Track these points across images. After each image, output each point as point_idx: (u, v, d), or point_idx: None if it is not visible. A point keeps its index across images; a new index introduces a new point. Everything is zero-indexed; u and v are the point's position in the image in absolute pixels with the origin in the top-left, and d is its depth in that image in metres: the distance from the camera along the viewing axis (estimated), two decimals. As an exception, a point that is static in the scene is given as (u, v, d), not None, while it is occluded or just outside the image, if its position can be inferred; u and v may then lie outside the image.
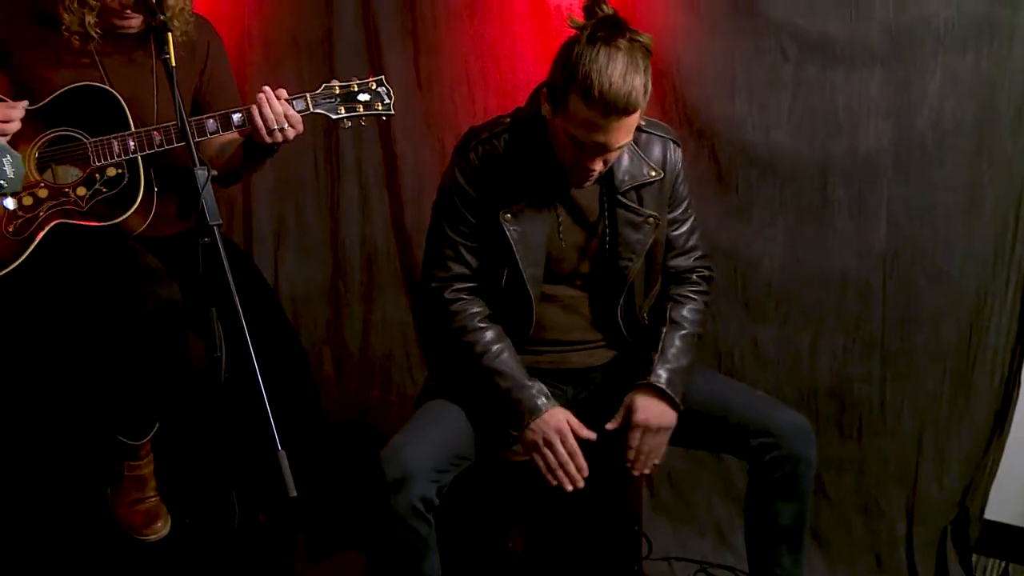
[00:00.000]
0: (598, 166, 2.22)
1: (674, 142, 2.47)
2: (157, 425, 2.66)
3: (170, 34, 2.22)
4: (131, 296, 2.49)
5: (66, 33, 2.55)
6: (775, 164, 3.14)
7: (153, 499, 2.73)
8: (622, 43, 2.11)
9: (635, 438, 2.37)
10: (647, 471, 2.41)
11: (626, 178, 2.38)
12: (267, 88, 2.53)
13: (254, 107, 2.52)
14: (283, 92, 2.55)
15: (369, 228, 3.36)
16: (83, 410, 2.76)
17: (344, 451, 3.01)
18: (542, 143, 2.31)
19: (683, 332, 2.45)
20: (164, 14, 2.35)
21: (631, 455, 2.37)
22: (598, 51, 2.09)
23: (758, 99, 3.12)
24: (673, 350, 2.42)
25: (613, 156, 2.25)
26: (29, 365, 2.76)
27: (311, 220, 3.36)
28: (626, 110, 2.10)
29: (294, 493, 1.93)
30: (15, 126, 2.40)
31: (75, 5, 2.52)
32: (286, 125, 2.53)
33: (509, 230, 2.32)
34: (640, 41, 2.14)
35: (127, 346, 2.50)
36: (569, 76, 2.12)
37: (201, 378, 2.57)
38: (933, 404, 3.10)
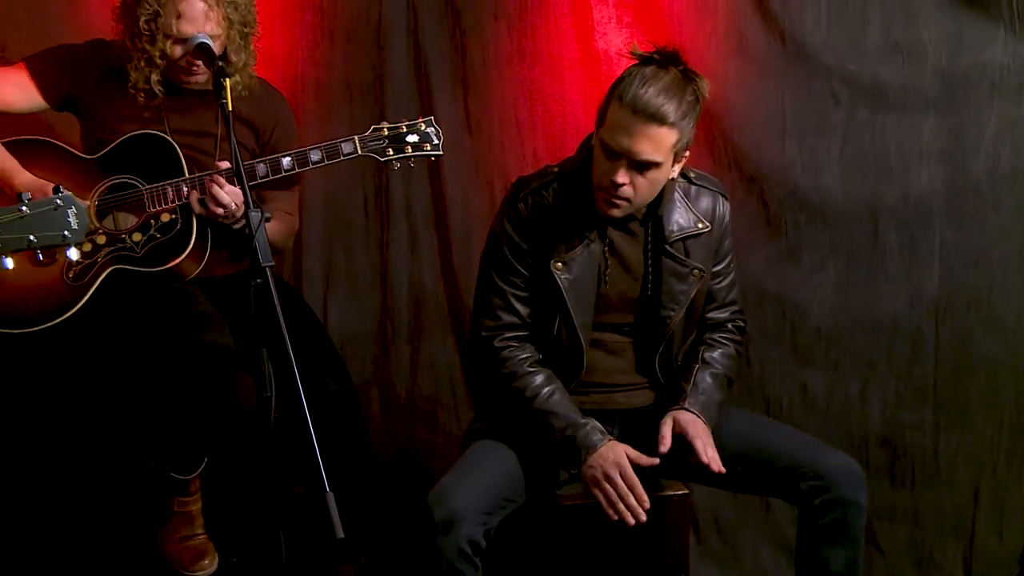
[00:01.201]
0: (621, 178, 2.21)
1: (723, 195, 2.49)
2: (206, 460, 2.69)
3: (228, 80, 2.26)
4: (184, 341, 2.53)
5: (132, 90, 2.62)
6: (825, 208, 3.13)
7: (201, 536, 2.75)
8: (672, 70, 2.20)
9: (688, 431, 2.33)
10: (721, 466, 2.32)
11: (675, 228, 2.40)
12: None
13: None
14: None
15: (417, 270, 3.39)
16: (135, 446, 2.80)
17: (391, 492, 3.01)
18: (590, 191, 2.33)
19: (714, 371, 2.47)
20: (223, 61, 2.42)
21: (698, 445, 2.31)
22: (648, 68, 2.20)
23: (808, 143, 3.12)
24: (704, 384, 2.44)
25: (640, 182, 2.24)
26: (85, 406, 2.81)
27: (360, 261, 3.39)
28: (654, 117, 2.15)
29: (341, 534, 1.93)
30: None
31: (142, 63, 2.59)
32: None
33: (560, 279, 2.35)
34: (692, 76, 2.22)
35: (179, 387, 2.53)
36: (614, 86, 2.22)
37: (251, 416, 2.61)
38: (990, 455, 3.04)
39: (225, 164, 2.58)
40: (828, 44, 3.09)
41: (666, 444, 2.33)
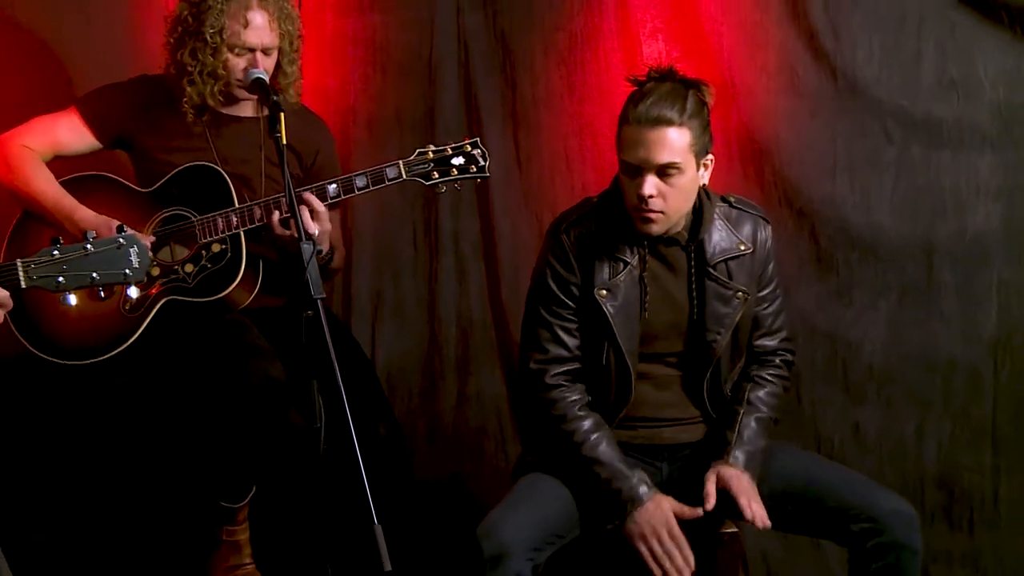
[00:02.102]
0: (648, 190, 2.23)
1: (764, 219, 2.49)
2: (254, 489, 2.70)
3: (282, 114, 2.29)
4: (235, 371, 2.55)
5: (186, 105, 2.66)
6: (877, 245, 3.10)
7: (249, 566, 2.76)
8: (668, 82, 2.29)
9: (732, 487, 2.31)
10: (767, 520, 2.29)
11: (717, 250, 2.40)
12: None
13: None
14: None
15: (465, 301, 3.39)
16: (185, 474, 2.82)
17: (438, 525, 3.01)
18: (628, 218, 2.35)
19: (759, 415, 2.44)
20: (278, 95, 2.45)
21: (743, 502, 2.30)
22: (643, 88, 2.29)
23: (860, 179, 3.09)
24: (749, 432, 2.40)
25: (667, 190, 2.25)
26: (138, 435, 2.84)
27: (408, 292, 3.40)
28: (659, 121, 2.22)
29: (389, 567, 1.93)
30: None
31: (205, 76, 2.62)
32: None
33: (606, 306, 2.35)
34: (691, 82, 2.30)
35: (229, 416, 2.55)
36: (621, 113, 2.30)
37: (299, 447, 2.62)
38: (1054, 499, 2.97)
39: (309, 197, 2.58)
40: (880, 80, 3.07)
41: (710, 503, 2.32)
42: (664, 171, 2.24)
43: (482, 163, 2.67)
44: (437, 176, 2.65)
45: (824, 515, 2.33)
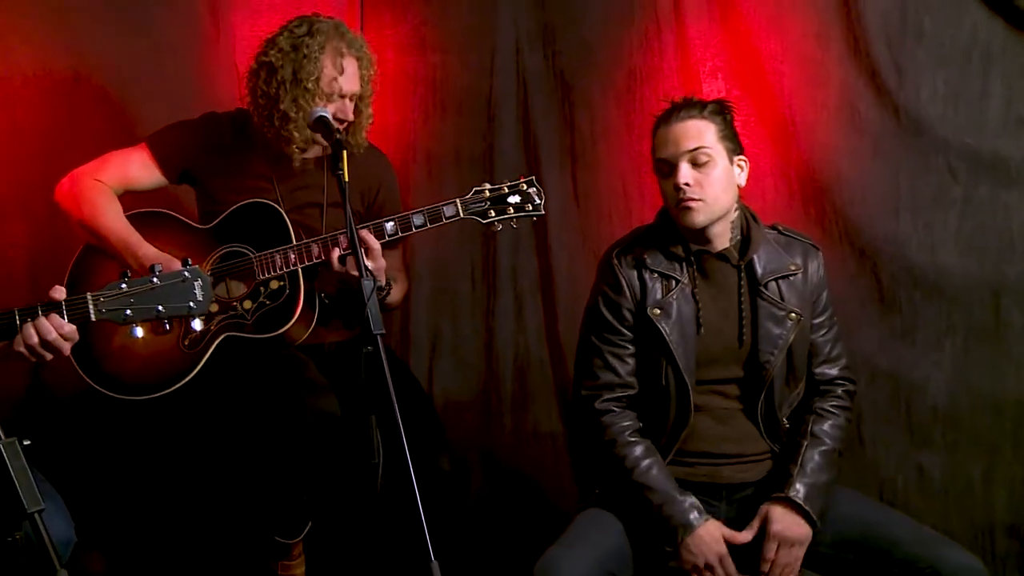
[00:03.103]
0: (684, 178, 2.33)
1: (813, 246, 2.53)
2: (310, 524, 2.71)
3: (345, 152, 2.32)
4: (291, 407, 2.57)
5: (295, 151, 2.71)
6: (942, 285, 3.04)
7: (304, 601, 2.76)
8: (690, 100, 2.44)
9: (770, 550, 2.32)
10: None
11: (767, 269, 2.44)
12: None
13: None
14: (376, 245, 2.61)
15: (523, 339, 3.40)
16: (241, 509, 2.84)
17: (495, 563, 2.99)
18: (674, 238, 2.42)
19: (823, 448, 2.41)
20: (341, 132, 2.49)
21: (765, 567, 2.32)
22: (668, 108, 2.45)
23: (924, 218, 3.05)
24: (812, 464, 2.38)
25: (703, 179, 2.34)
26: (194, 470, 2.87)
27: (466, 329, 3.41)
28: (684, 116, 2.38)
29: (446, 604, 1.92)
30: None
31: (306, 120, 2.65)
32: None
33: (661, 325, 2.39)
34: (704, 99, 2.44)
35: (285, 451, 2.57)
36: (652, 140, 2.45)
37: (356, 483, 2.63)
38: None
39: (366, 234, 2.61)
40: (945, 118, 3.03)
41: (749, 536, 2.32)
42: (695, 159, 2.35)
43: (538, 201, 2.70)
44: (494, 215, 2.68)
45: (889, 567, 2.28)
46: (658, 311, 2.40)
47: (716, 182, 2.36)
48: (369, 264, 2.54)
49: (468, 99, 3.39)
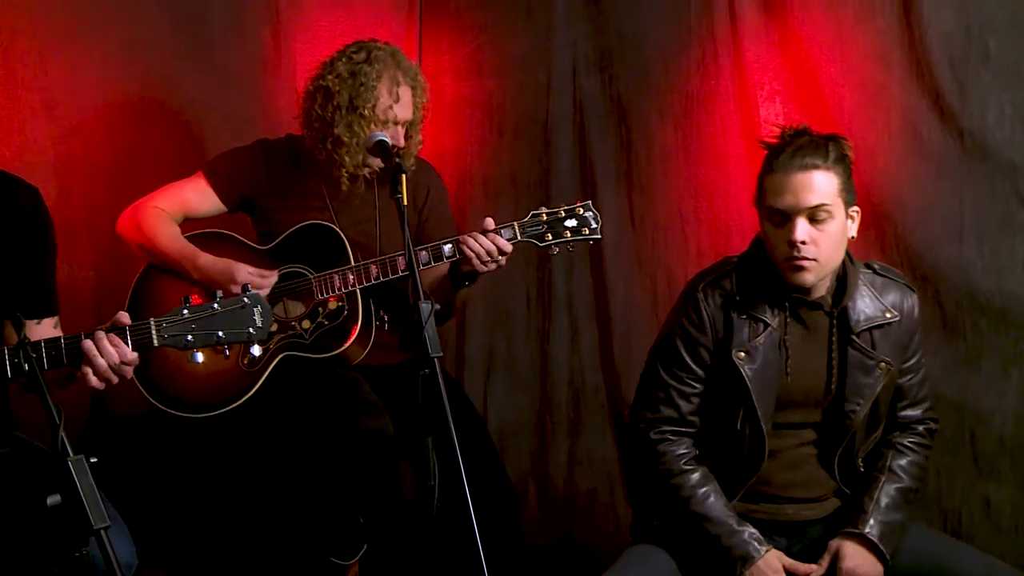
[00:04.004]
0: (800, 235, 2.18)
1: (909, 288, 2.42)
2: (365, 546, 2.72)
3: (403, 175, 2.35)
4: (345, 426, 2.60)
5: (344, 175, 2.74)
6: (1009, 312, 2.97)
7: (359, 623, 2.77)
8: (805, 136, 2.27)
9: (845, 566, 2.25)
10: None
11: (861, 318, 2.32)
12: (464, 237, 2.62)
13: (467, 239, 2.60)
14: (490, 222, 2.63)
15: (578, 362, 3.39)
16: (298, 530, 2.85)
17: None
18: (769, 279, 2.30)
19: (900, 485, 2.35)
20: (399, 157, 2.52)
21: None
22: (782, 143, 2.27)
23: (989, 243, 2.98)
24: (888, 501, 2.31)
25: (819, 236, 2.19)
26: (250, 490, 2.89)
27: (521, 352, 3.42)
28: (806, 166, 2.19)
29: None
30: (266, 291, 2.63)
31: (360, 146, 2.70)
32: (499, 257, 2.61)
33: (744, 369, 2.28)
34: (827, 135, 2.27)
35: (339, 470, 2.59)
36: (760, 173, 2.29)
37: (411, 505, 2.64)
38: None
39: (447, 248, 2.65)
40: (1012, 141, 2.96)
41: (820, 572, 2.27)
42: (814, 215, 2.19)
43: (595, 225, 2.69)
44: (550, 238, 2.68)
45: None
46: (743, 354, 2.28)
47: (832, 240, 2.22)
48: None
49: (525, 123, 3.41)
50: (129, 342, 1.97)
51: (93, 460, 1.74)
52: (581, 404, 3.38)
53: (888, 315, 2.33)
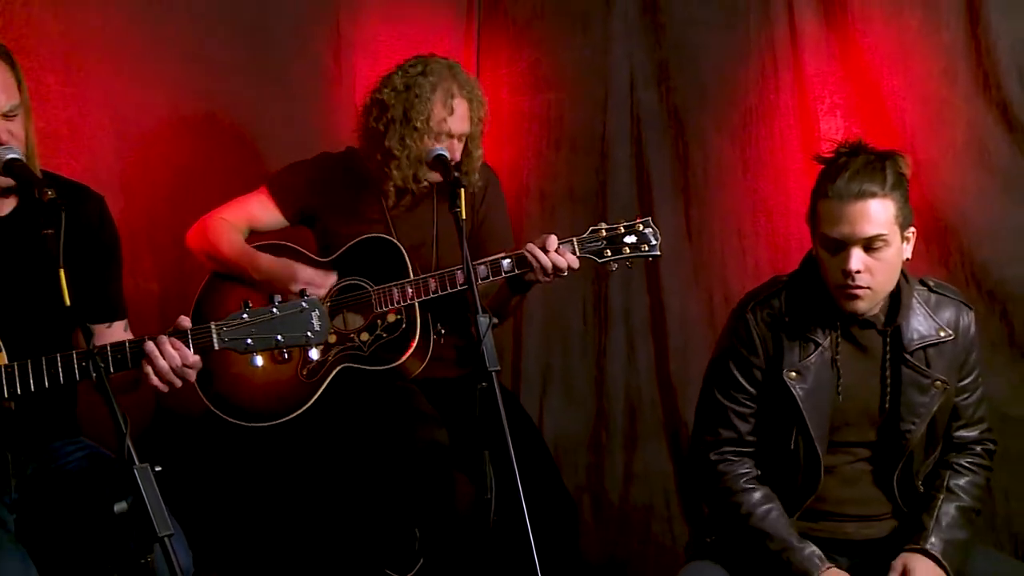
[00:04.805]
0: (855, 264, 2.14)
1: (966, 305, 2.35)
2: (421, 561, 2.73)
3: (463, 190, 2.36)
4: (401, 436, 2.61)
5: (390, 188, 2.77)
6: (1080, 330, 2.90)
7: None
8: (862, 155, 2.20)
9: None
10: None
11: (915, 336, 2.27)
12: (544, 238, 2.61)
13: (532, 250, 2.60)
14: (553, 239, 2.62)
15: (634, 377, 3.37)
16: (354, 542, 2.87)
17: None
18: (820, 299, 2.26)
19: (960, 504, 2.30)
20: (460, 171, 2.53)
21: None
22: (837, 163, 2.20)
23: (1060, 260, 2.92)
24: (948, 519, 2.27)
25: (874, 264, 2.15)
26: (307, 501, 2.91)
27: (577, 366, 3.41)
28: (863, 194, 2.13)
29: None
30: (323, 292, 2.67)
31: (412, 160, 2.72)
32: (563, 273, 2.60)
33: (795, 389, 2.25)
34: (884, 154, 2.21)
35: (395, 481, 2.60)
36: (814, 191, 2.23)
37: (467, 519, 2.64)
38: None
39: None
40: (1083, 155, 2.91)
41: None
42: (870, 244, 2.15)
43: (654, 242, 2.66)
44: (609, 254, 2.65)
45: None
46: (794, 375, 2.25)
47: (887, 267, 2.17)
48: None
49: (582, 136, 3.42)
50: (191, 345, 2.00)
51: (157, 469, 1.77)
52: (637, 419, 3.36)
53: (943, 333, 2.28)
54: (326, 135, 3.05)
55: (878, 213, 2.14)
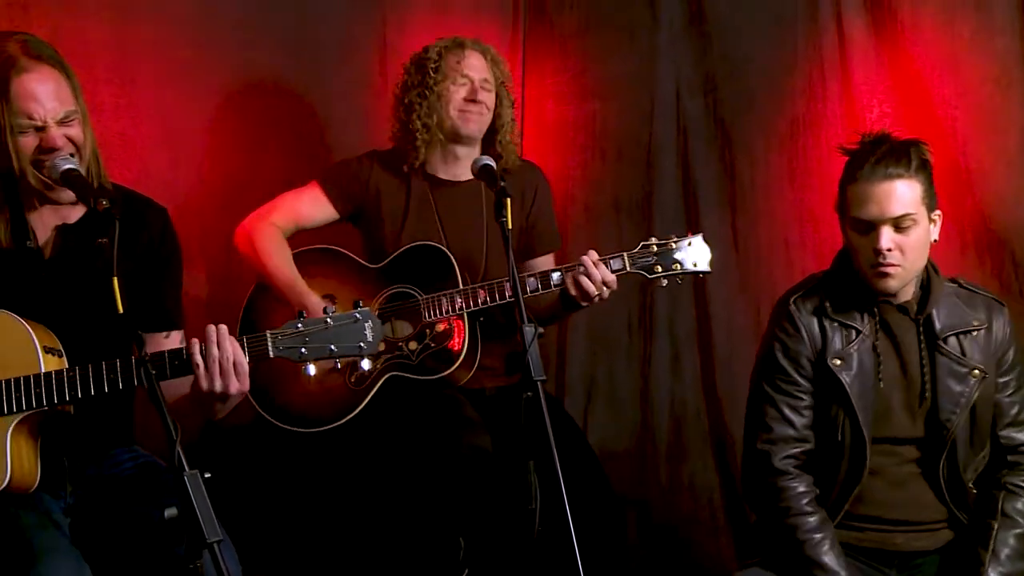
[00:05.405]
0: (885, 243, 2.21)
1: (998, 302, 2.40)
2: (467, 571, 2.72)
3: (509, 200, 2.35)
4: (446, 442, 2.62)
5: (411, 153, 2.83)
6: None
7: (459, 651, 2.77)
8: (885, 143, 2.28)
9: None
10: None
11: (947, 324, 2.32)
12: (586, 258, 2.60)
13: (577, 274, 2.59)
14: (594, 254, 2.61)
15: (679, 388, 3.36)
16: (399, 549, 2.88)
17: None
18: (856, 288, 2.31)
19: (1018, 531, 2.26)
20: (504, 180, 2.52)
21: None
22: (863, 151, 2.29)
23: (1117, 270, 2.86)
24: (1007, 551, 2.23)
25: (904, 242, 2.22)
26: (353, 506, 2.92)
27: (622, 377, 3.40)
28: (890, 175, 2.22)
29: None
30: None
31: (424, 114, 2.81)
32: (605, 291, 2.60)
33: (841, 375, 2.29)
34: (907, 141, 2.28)
35: (440, 487, 2.61)
36: (841, 180, 2.32)
37: (512, 528, 2.63)
38: None
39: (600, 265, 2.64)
40: None
41: None
42: (899, 224, 2.22)
43: (705, 259, 2.65)
44: (660, 270, 2.64)
45: None
46: (839, 361, 2.30)
47: (916, 246, 2.25)
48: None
49: (627, 146, 3.41)
50: (246, 351, 2.02)
51: (207, 475, 1.79)
52: (682, 430, 3.34)
53: (975, 323, 2.33)
54: (371, 143, 3.07)
55: (905, 193, 2.22)
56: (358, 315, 2.03)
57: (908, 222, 2.22)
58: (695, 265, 2.65)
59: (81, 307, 2.13)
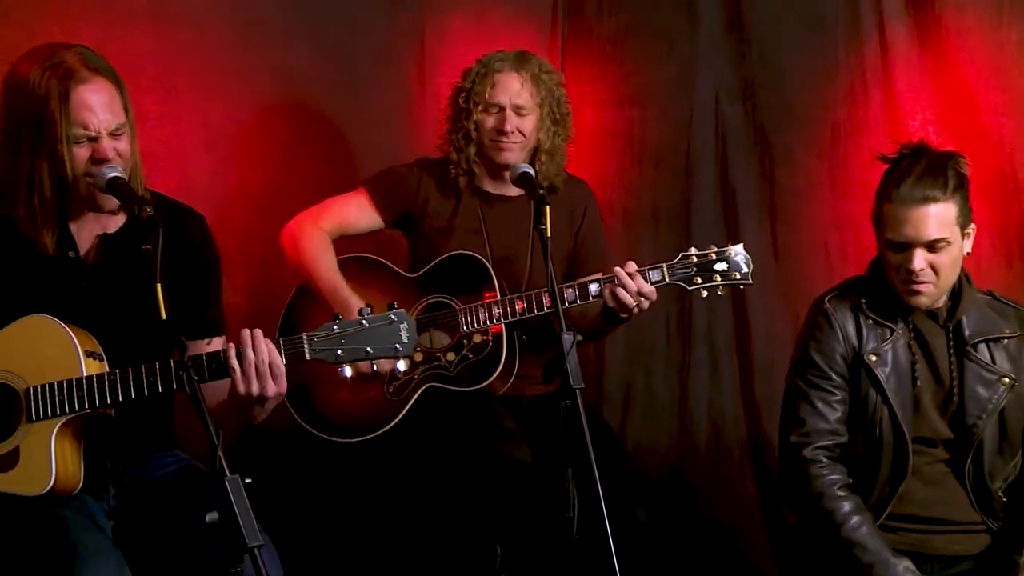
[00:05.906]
0: (918, 264, 2.24)
1: None
2: (503, 579, 2.72)
3: (547, 207, 2.34)
4: (484, 453, 2.62)
5: (453, 171, 2.84)
6: None
7: (495, 660, 2.76)
8: (924, 158, 2.30)
9: None
10: None
11: (975, 331, 2.34)
12: (619, 269, 2.57)
13: (614, 286, 2.56)
14: (632, 265, 2.57)
15: (717, 396, 3.34)
16: (436, 559, 2.88)
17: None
18: (889, 293, 2.34)
19: None
20: (543, 187, 2.51)
21: None
22: (900, 166, 2.31)
23: None
24: None
25: (937, 261, 2.25)
26: (392, 516, 2.93)
27: (659, 384, 3.39)
28: (926, 199, 2.23)
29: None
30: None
31: (462, 143, 2.82)
32: (644, 302, 2.57)
33: (878, 371, 2.32)
34: (946, 155, 2.32)
35: (478, 498, 2.61)
36: (878, 193, 2.33)
37: (550, 537, 2.63)
38: None
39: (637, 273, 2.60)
40: None
41: None
42: (932, 246, 2.25)
43: (745, 270, 2.58)
44: (699, 281, 2.57)
45: None
46: (875, 357, 2.34)
47: (949, 265, 2.29)
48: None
49: (665, 153, 3.40)
50: (283, 354, 2.03)
51: (247, 481, 1.80)
52: (720, 437, 3.33)
53: (1006, 330, 2.35)
54: (412, 151, 3.09)
55: (940, 216, 2.24)
56: (393, 316, 2.03)
57: (942, 244, 2.25)
58: (736, 277, 2.59)
59: (122, 314, 2.16)
